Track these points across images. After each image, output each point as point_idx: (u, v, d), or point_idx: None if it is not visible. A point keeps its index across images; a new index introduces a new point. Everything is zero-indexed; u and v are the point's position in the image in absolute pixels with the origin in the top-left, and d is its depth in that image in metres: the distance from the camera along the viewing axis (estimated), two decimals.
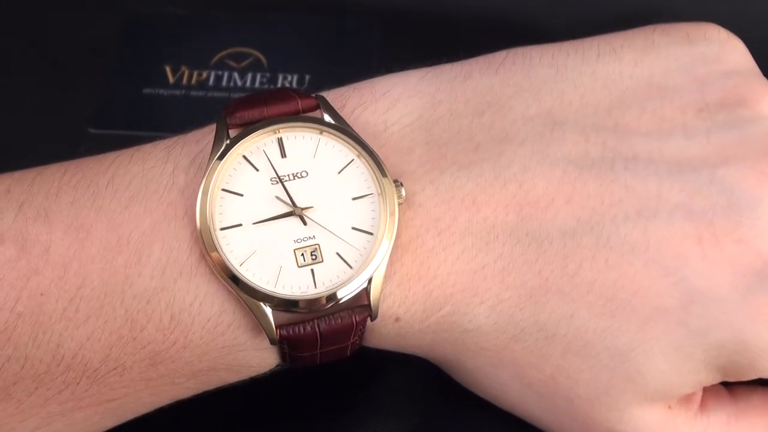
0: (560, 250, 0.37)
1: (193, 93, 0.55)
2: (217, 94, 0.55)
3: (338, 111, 0.39)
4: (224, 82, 0.56)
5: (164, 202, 0.37)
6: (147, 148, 0.39)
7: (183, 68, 0.56)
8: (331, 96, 0.40)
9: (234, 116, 0.38)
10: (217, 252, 0.36)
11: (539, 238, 0.37)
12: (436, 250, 0.37)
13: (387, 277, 0.37)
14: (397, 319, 0.38)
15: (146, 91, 0.55)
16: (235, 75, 0.56)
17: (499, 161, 0.38)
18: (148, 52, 0.57)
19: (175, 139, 0.39)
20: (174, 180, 0.37)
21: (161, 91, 0.55)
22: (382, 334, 0.38)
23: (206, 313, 0.36)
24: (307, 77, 0.56)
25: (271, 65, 0.57)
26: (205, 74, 0.56)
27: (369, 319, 0.37)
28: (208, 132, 0.39)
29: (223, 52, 0.57)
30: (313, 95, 0.39)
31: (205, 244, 0.36)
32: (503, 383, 0.40)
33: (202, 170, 0.37)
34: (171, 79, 0.56)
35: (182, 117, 0.54)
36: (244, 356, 0.38)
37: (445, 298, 0.38)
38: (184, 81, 0.56)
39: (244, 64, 0.57)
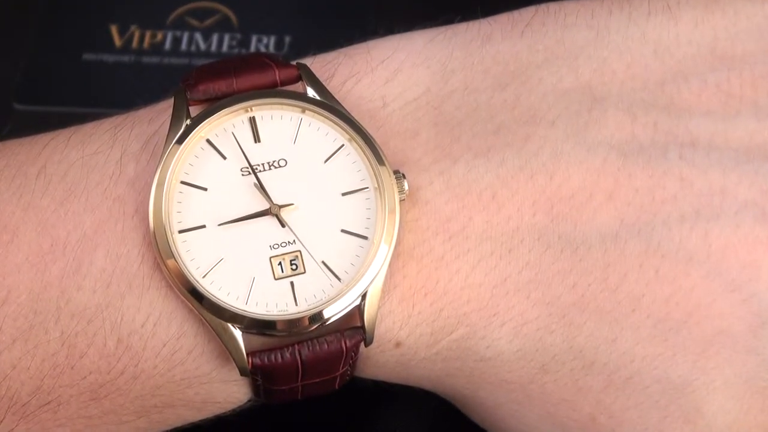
0: (600, 258, 0.37)
1: (146, 59, 0.56)
2: (174, 60, 0.56)
3: (325, 83, 0.39)
4: (184, 46, 0.56)
5: (110, 196, 0.37)
6: (88, 128, 0.39)
7: (133, 28, 0.56)
8: (317, 64, 0.40)
9: (196, 89, 0.38)
10: (175, 260, 0.36)
11: (574, 244, 0.37)
12: (447, 258, 0.37)
13: (385, 293, 0.37)
14: (399, 344, 0.38)
15: (87, 56, 0.55)
16: (198, 36, 0.56)
17: (524, 147, 0.38)
18: (88, 7, 0.57)
19: (123, 117, 0.39)
20: (122, 169, 0.37)
21: (105, 57, 0.55)
22: (380, 362, 0.39)
23: (161, 337, 0.36)
24: (287, 40, 0.56)
25: (242, 24, 0.57)
26: (160, 35, 0.56)
27: (363, 344, 0.37)
28: (165, 109, 0.39)
29: (183, 8, 0.57)
30: (294, 63, 0.39)
31: (159, 250, 0.36)
32: (531, 424, 0.40)
33: (156, 157, 0.37)
34: (118, 42, 0.56)
35: (132, 89, 0.54)
36: (207, 390, 0.38)
37: (457, 318, 0.38)
38: (134, 44, 0.56)
39: (208, 22, 0.57)
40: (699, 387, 0.37)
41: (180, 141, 0.37)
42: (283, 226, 0.37)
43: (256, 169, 0.37)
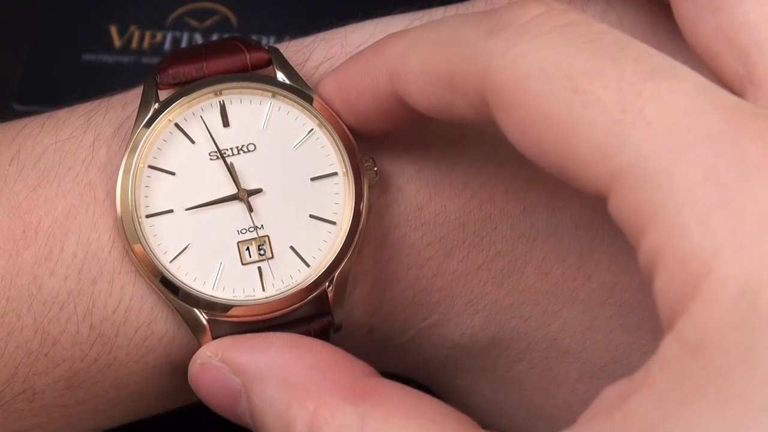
0: (573, 247, 0.37)
1: (146, 60, 0.55)
2: None
3: (299, 67, 0.38)
4: (184, 46, 0.56)
5: (81, 182, 0.37)
6: (62, 114, 0.39)
7: (132, 28, 0.56)
8: (291, 48, 0.39)
9: (165, 73, 0.38)
10: (141, 245, 0.36)
11: (547, 232, 0.37)
12: (419, 245, 0.37)
13: (357, 278, 0.37)
14: (371, 331, 0.38)
15: (86, 57, 0.55)
16: (198, 37, 0.56)
17: (496, 134, 0.37)
18: (88, 8, 0.57)
19: (97, 102, 0.39)
20: (94, 154, 0.37)
21: (105, 58, 0.55)
22: (353, 349, 0.37)
23: (133, 323, 0.36)
24: (287, 40, 0.56)
25: (242, 25, 0.57)
26: (159, 36, 0.56)
27: (332, 330, 0.37)
28: (139, 94, 0.38)
29: (182, 9, 0.57)
30: (266, 47, 0.39)
31: (126, 235, 0.36)
32: (506, 412, 0.40)
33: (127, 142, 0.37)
34: (117, 43, 0.56)
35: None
36: (180, 377, 0.37)
37: (430, 305, 0.38)
38: (134, 45, 0.56)
39: (208, 23, 0.57)
40: None
41: (148, 125, 0.37)
42: (251, 211, 0.36)
43: (225, 153, 0.37)
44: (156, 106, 0.37)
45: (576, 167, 0.29)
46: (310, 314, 0.36)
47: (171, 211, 0.36)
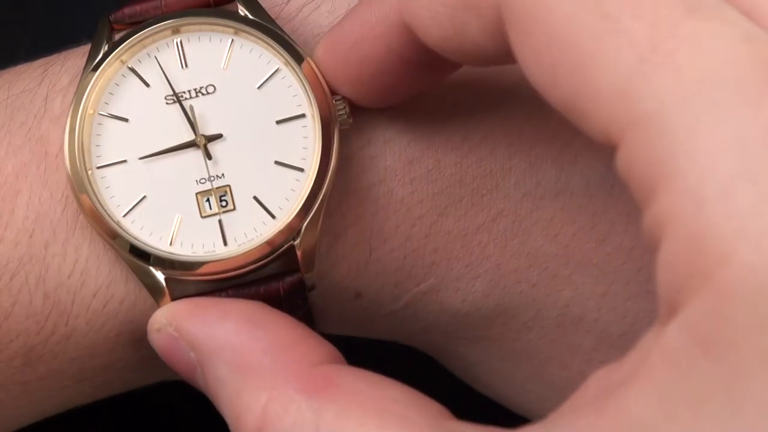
0: (585, 206, 0.35)
1: None
2: None
3: (279, 8, 0.36)
4: None
5: (33, 137, 0.35)
6: (19, 68, 0.37)
7: None
8: None
9: (120, 12, 0.35)
10: (90, 198, 0.33)
11: (555, 190, 0.35)
12: (408, 202, 0.35)
13: (337, 234, 0.35)
14: (359, 295, 0.35)
15: None
16: None
17: (500, 82, 0.36)
18: (88, 8, 0.55)
19: (58, 54, 0.37)
20: (47, 106, 0.35)
21: None
22: (340, 315, 0.36)
23: (90, 287, 0.34)
24: None
25: None
26: None
27: (304, 289, 0.34)
28: None
29: None
30: None
31: (75, 189, 0.33)
32: (516, 383, 0.38)
33: None
34: None
35: None
36: (147, 347, 0.35)
37: (424, 267, 0.35)
38: None
39: None
40: None
41: (96, 68, 0.34)
42: (209, 158, 0.34)
43: (182, 96, 0.34)
44: (106, 48, 0.35)
45: (588, 105, 0.26)
46: (279, 272, 0.34)
47: (124, 161, 0.34)
